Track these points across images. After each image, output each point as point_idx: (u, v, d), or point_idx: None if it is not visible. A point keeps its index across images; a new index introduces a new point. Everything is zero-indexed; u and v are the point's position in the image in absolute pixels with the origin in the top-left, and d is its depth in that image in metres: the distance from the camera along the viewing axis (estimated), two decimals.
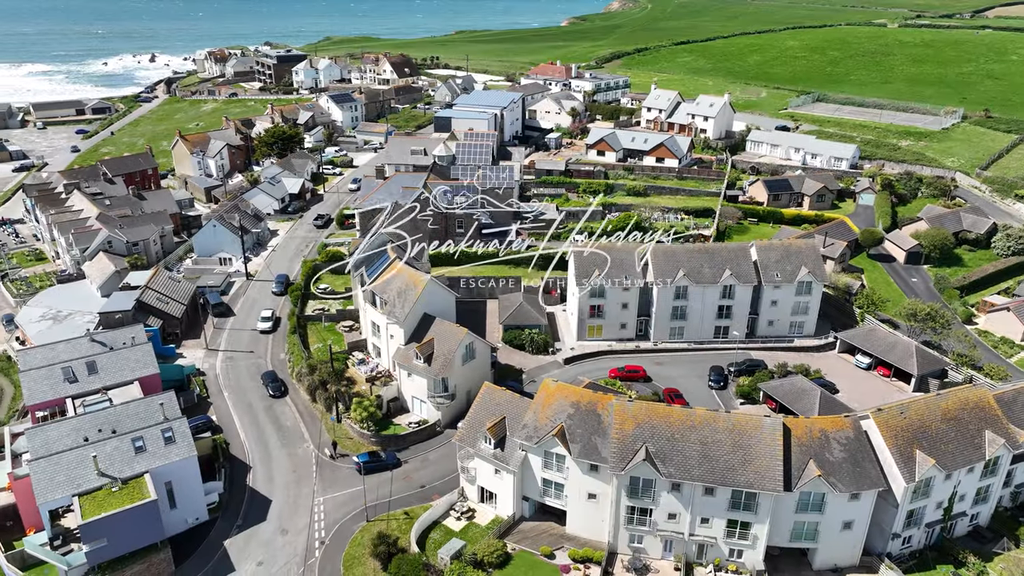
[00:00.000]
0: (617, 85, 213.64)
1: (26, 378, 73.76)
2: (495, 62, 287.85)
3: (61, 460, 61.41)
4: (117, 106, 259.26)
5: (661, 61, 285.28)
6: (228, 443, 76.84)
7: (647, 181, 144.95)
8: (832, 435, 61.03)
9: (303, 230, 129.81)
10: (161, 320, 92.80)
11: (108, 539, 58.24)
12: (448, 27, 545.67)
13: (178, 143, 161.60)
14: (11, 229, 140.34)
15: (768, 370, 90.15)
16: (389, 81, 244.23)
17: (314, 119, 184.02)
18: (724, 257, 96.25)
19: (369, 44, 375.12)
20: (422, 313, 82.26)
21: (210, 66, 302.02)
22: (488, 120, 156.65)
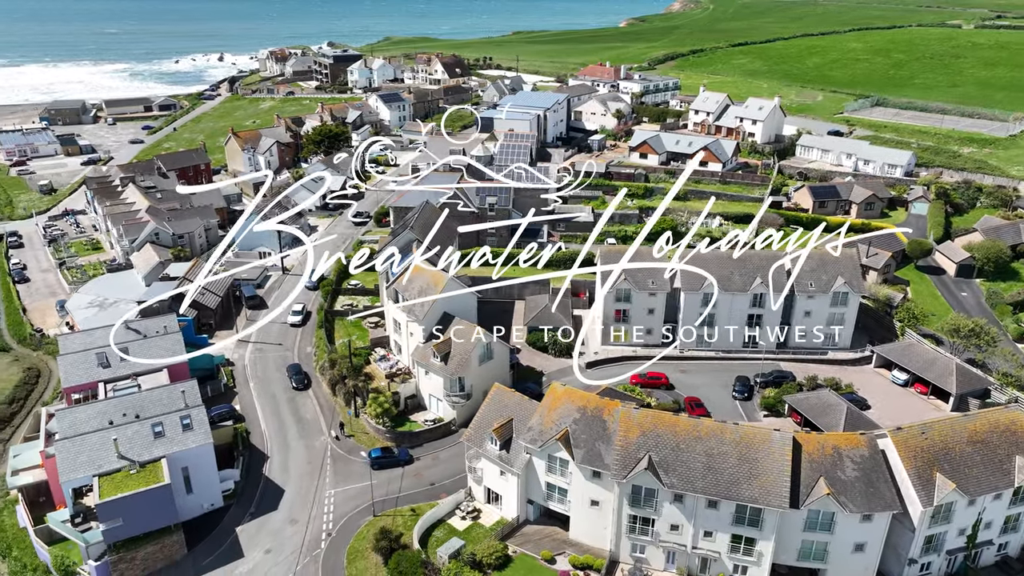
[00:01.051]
0: (667, 87, 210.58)
1: (63, 362, 77.55)
2: (547, 63, 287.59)
3: (85, 441, 64.32)
4: (182, 103, 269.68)
5: (716, 63, 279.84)
6: (249, 432, 79.09)
7: (688, 185, 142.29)
8: (846, 453, 58.82)
9: (342, 227, 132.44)
10: (196, 311, 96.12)
11: (123, 519, 60.69)
12: (507, 28, 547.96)
13: (230, 140, 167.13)
14: (73, 219, 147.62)
15: (796, 383, 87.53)
16: (440, 81, 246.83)
17: (362, 118, 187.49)
18: (755, 264, 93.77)
19: (426, 44, 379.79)
20: (442, 312, 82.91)
21: (271, 65, 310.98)
22: (530, 121, 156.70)
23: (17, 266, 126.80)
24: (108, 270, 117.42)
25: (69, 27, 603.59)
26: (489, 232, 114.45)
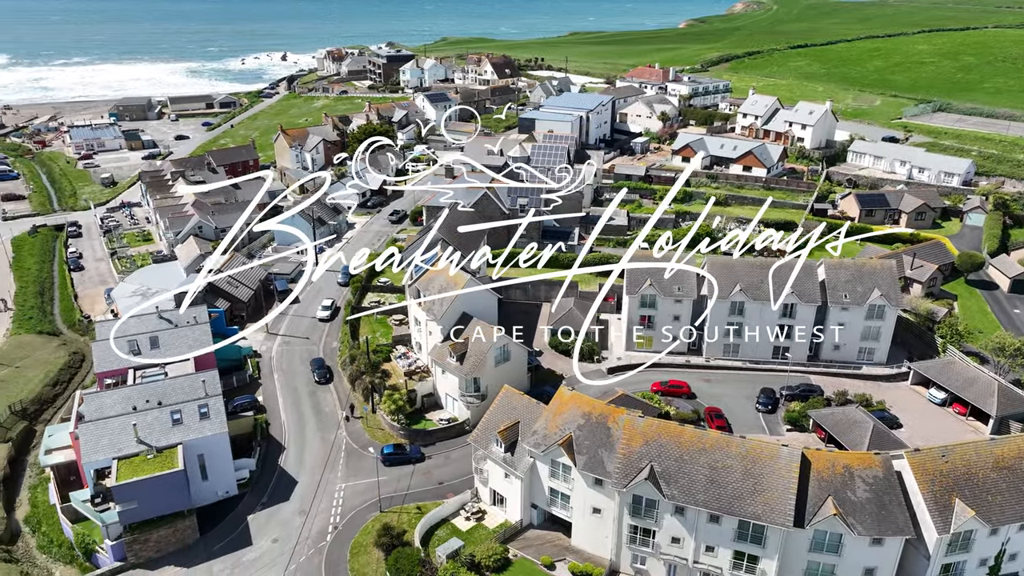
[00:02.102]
0: (717, 89, 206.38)
1: (97, 348, 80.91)
2: (599, 64, 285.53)
3: (107, 425, 66.97)
4: (241, 101, 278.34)
5: (771, 65, 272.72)
6: (268, 423, 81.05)
7: (730, 190, 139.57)
8: (858, 472, 56.50)
9: (378, 224, 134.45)
10: (229, 303, 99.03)
11: (138, 502, 62.93)
12: (565, 28, 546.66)
13: (279, 137, 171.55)
14: (128, 211, 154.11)
15: (823, 397, 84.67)
16: (489, 82, 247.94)
17: (408, 117, 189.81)
18: (786, 273, 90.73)
19: (481, 45, 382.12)
20: (460, 312, 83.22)
21: (328, 65, 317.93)
22: (572, 123, 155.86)
23: (74, 254, 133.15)
24: (154, 261, 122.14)
25: (148, 27, 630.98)
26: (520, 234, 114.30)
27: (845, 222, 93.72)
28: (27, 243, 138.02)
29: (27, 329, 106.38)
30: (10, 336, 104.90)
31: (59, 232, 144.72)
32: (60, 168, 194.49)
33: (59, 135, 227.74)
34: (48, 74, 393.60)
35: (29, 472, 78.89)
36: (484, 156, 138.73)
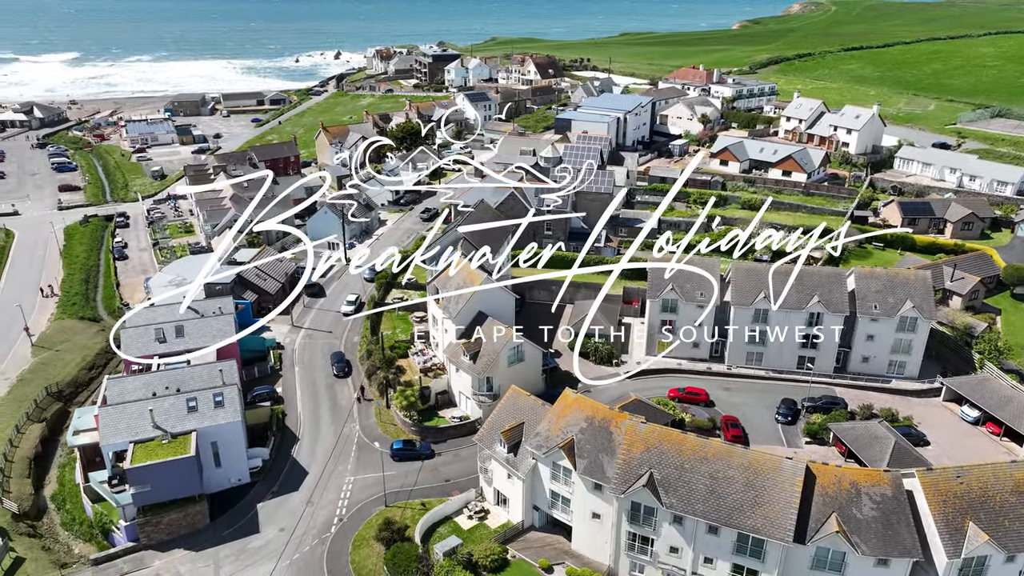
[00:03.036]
0: (762, 92, 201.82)
1: (125, 335, 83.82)
2: (645, 65, 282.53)
3: (126, 409, 69.30)
4: (291, 98, 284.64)
5: (822, 68, 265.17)
6: (285, 414, 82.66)
7: (766, 195, 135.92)
8: (865, 489, 54.56)
9: (409, 222, 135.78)
10: (256, 295, 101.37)
11: (151, 485, 64.95)
12: (616, 29, 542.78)
13: (320, 134, 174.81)
14: (174, 204, 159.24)
15: (847, 410, 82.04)
16: (532, 82, 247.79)
17: (447, 116, 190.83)
18: (814, 282, 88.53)
19: (529, 45, 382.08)
20: (476, 311, 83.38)
21: (376, 63, 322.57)
22: (608, 124, 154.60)
23: (119, 244, 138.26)
24: (191, 252, 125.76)
25: (210, 26, 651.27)
26: (546, 233, 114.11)
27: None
28: (78, 232, 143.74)
29: (70, 314, 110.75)
30: (54, 321, 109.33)
31: (108, 222, 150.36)
32: (115, 161, 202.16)
33: (116, 129, 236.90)
34: (113, 71, 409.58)
35: (60, 452, 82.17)
36: (517, 156, 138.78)
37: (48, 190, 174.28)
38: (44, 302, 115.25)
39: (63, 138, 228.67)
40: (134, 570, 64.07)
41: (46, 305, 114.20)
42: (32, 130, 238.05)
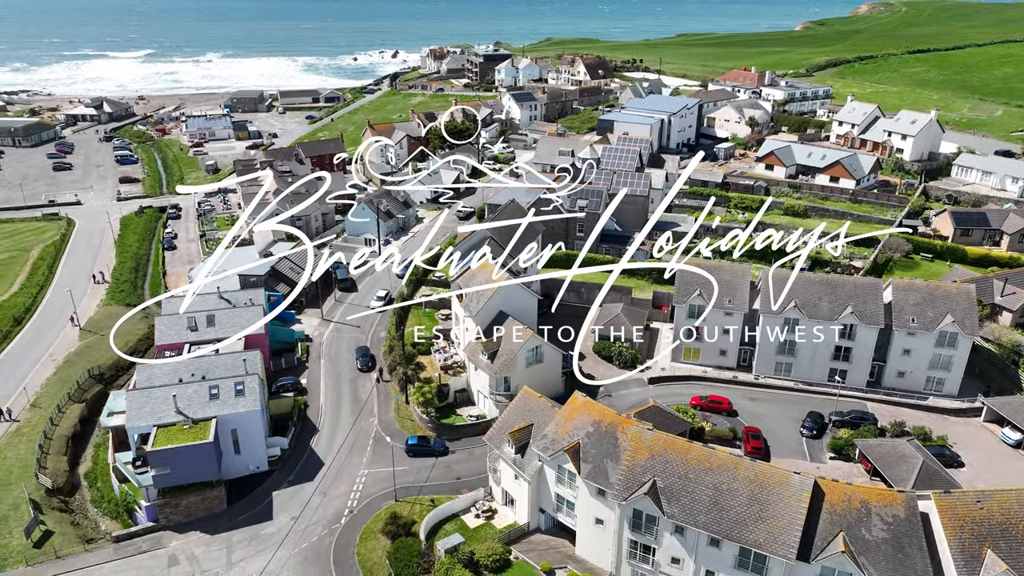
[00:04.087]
0: (815, 95, 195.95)
1: (160, 322, 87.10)
2: (698, 66, 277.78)
3: (152, 394, 71.88)
4: (345, 96, 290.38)
5: (884, 71, 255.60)
6: (307, 405, 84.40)
7: (812, 201, 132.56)
8: (876, 509, 52.43)
9: (446, 220, 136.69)
10: (289, 287, 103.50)
11: (171, 468, 67.23)
12: (675, 29, 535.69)
13: (367, 131, 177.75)
14: (223, 197, 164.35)
15: (876, 426, 78.99)
16: (581, 82, 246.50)
17: (492, 115, 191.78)
18: (849, 292, 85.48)
19: (584, 45, 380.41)
20: (497, 311, 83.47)
21: (429, 63, 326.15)
22: (651, 125, 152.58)
23: (169, 234, 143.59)
24: (235, 244, 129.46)
25: (278, 24, 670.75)
26: (577, 234, 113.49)
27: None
28: (133, 222, 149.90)
29: (117, 301, 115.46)
30: (102, 306, 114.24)
31: (162, 213, 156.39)
32: (174, 155, 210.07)
33: (177, 124, 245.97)
34: (181, 67, 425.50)
35: (96, 432, 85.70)
36: (555, 156, 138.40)
37: (110, 181, 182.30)
38: (95, 288, 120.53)
39: (128, 132, 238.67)
40: (152, 549, 66.39)
41: (97, 291, 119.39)
42: (101, 124, 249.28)
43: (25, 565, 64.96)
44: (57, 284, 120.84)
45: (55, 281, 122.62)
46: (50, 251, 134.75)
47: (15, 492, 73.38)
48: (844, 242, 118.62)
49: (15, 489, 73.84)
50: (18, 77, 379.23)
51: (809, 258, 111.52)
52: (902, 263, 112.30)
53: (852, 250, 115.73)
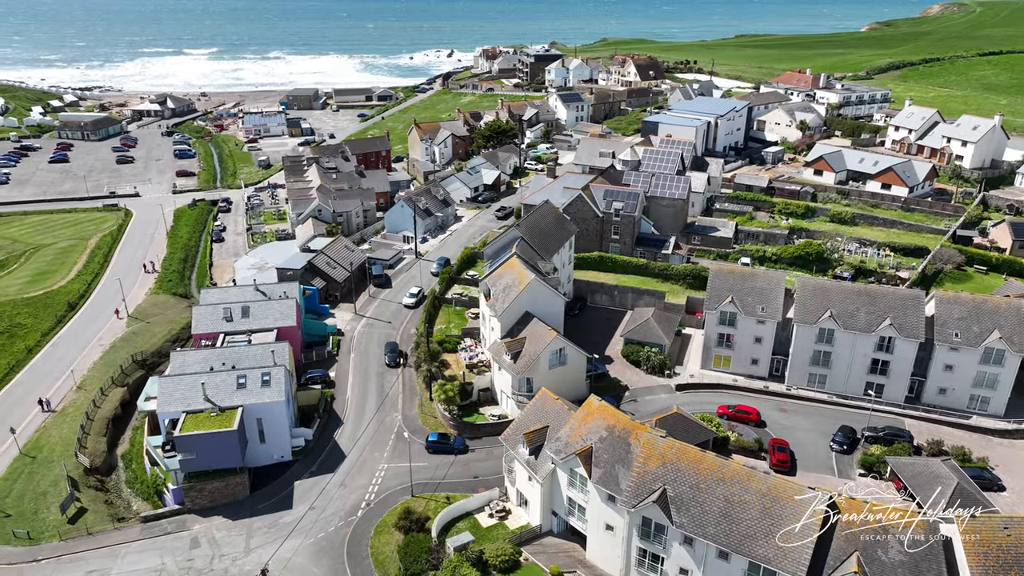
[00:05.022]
0: (873, 99, 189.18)
1: (197, 312, 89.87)
2: (752, 68, 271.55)
3: (183, 381, 74.29)
4: (397, 95, 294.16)
5: (949, 74, 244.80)
6: (334, 398, 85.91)
7: (861, 209, 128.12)
8: (895, 531, 50.37)
9: (484, 219, 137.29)
10: (325, 282, 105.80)
11: (196, 454, 69.38)
12: (736, 30, 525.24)
13: (413, 130, 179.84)
14: (272, 192, 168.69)
15: (912, 444, 75.88)
16: (631, 83, 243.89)
17: (538, 116, 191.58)
18: (888, 303, 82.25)
19: (639, 46, 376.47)
20: (523, 311, 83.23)
21: (482, 62, 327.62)
22: (697, 128, 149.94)
23: (219, 227, 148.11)
24: (277, 238, 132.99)
25: (341, 23, 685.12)
26: (613, 238, 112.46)
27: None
28: (185, 214, 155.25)
29: (165, 290, 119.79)
30: (150, 295, 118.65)
31: (214, 206, 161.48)
32: (229, 150, 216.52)
33: (235, 120, 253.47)
34: (244, 65, 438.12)
35: (135, 416, 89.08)
36: (596, 158, 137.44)
37: (168, 175, 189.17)
38: (145, 277, 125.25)
39: (188, 127, 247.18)
40: (177, 531, 68.62)
41: (146, 281, 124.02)
42: (164, 119, 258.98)
43: (59, 539, 67.99)
44: (111, 273, 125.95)
45: (109, 270, 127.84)
46: (107, 241, 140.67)
47: (55, 469, 76.91)
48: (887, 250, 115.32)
49: (55, 466, 77.39)
50: (94, 74, 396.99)
51: (852, 267, 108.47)
52: (953, 275, 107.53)
53: (899, 260, 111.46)
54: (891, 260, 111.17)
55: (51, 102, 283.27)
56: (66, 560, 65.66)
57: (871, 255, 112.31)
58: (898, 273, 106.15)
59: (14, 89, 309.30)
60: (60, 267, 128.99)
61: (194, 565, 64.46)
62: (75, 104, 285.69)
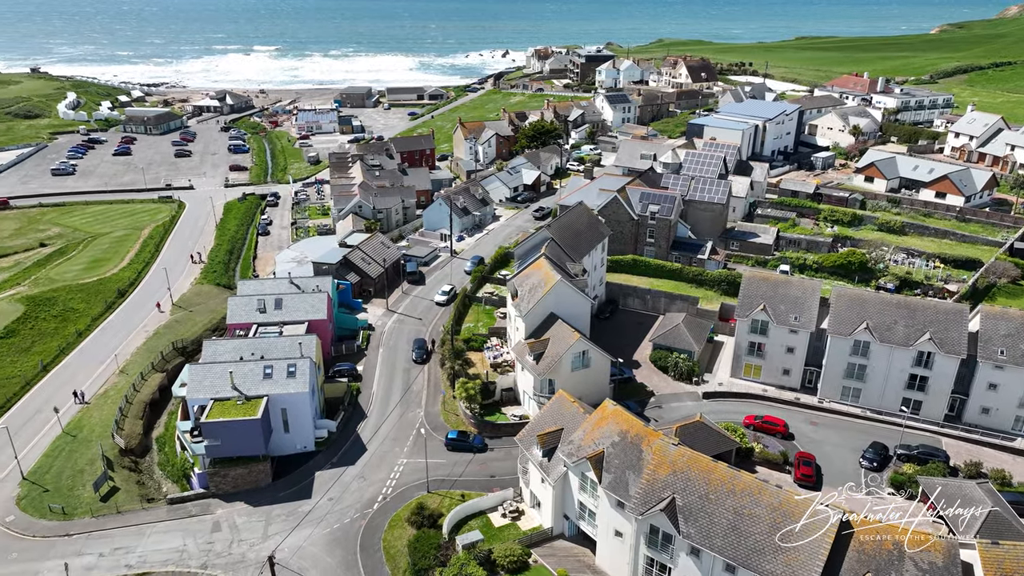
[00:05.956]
0: (934, 104, 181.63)
1: (232, 302, 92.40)
2: (809, 71, 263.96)
3: (212, 369, 76.47)
4: (448, 94, 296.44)
5: (1022, 78, 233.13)
6: (360, 391, 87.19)
7: (912, 218, 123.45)
8: (911, 554, 48.32)
9: (522, 219, 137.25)
10: (359, 277, 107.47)
11: (221, 440, 71.39)
12: (798, 31, 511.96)
13: (458, 129, 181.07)
14: (318, 187, 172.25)
15: (947, 464, 72.72)
16: (682, 85, 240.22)
17: (583, 117, 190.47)
18: (928, 317, 78.98)
19: (695, 47, 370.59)
20: (548, 312, 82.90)
21: (534, 63, 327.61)
22: (743, 131, 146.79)
23: (265, 220, 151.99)
24: (319, 233, 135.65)
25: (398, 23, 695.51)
26: (648, 241, 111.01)
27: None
28: (235, 207, 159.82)
29: (209, 280, 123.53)
30: (195, 285, 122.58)
31: (262, 200, 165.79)
32: (281, 146, 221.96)
33: (289, 117, 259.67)
34: (303, 63, 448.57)
35: (172, 401, 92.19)
36: (636, 160, 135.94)
37: (221, 169, 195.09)
38: (192, 267, 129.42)
39: (244, 123, 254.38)
40: (200, 514, 70.73)
41: (193, 271, 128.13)
42: (223, 115, 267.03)
43: (90, 516, 70.86)
44: (161, 262, 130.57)
45: (159, 259, 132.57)
46: (159, 231, 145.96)
47: (93, 449, 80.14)
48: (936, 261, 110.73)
49: (93, 446, 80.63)
50: (163, 71, 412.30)
51: (897, 278, 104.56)
52: (1007, 289, 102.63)
53: (949, 272, 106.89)
54: (940, 272, 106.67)
55: (119, 97, 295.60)
56: (96, 536, 68.35)
57: (919, 266, 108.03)
58: (946, 286, 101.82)
59: (87, 84, 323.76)
60: (114, 255, 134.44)
61: (213, 548, 66.33)
62: (141, 99, 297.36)
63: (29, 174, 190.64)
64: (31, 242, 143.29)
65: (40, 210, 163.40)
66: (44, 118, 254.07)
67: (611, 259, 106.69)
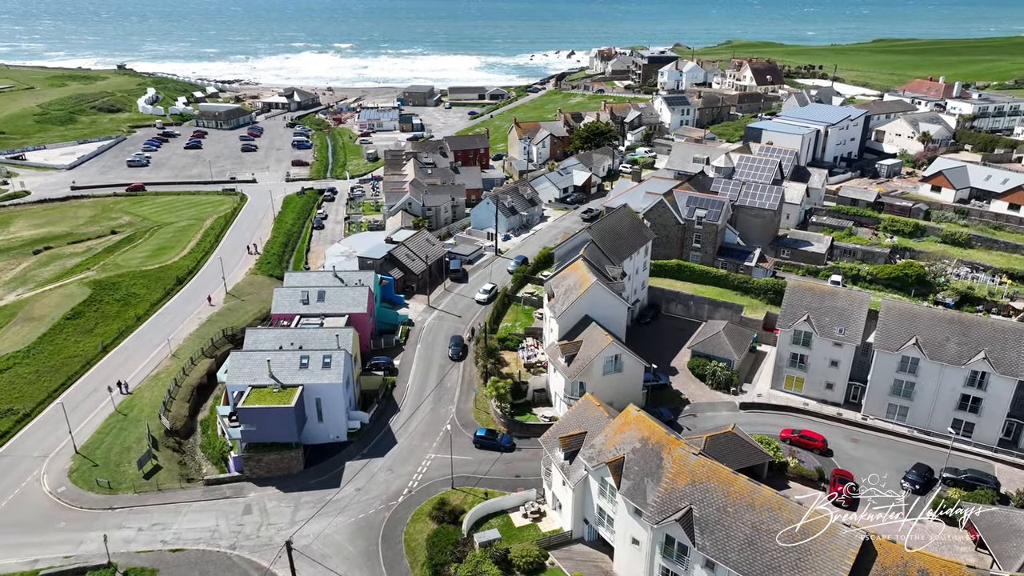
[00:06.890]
0: (1015, 111, 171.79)
1: (278, 293, 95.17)
2: (884, 75, 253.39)
3: (252, 357, 78.97)
4: (509, 94, 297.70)
5: None
6: (394, 385, 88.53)
7: (981, 230, 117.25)
8: None
9: (569, 220, 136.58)
10: (403, 273, 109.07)
11: (256, 426, 73.69)
12: (876, 33, 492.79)
13: (512, 129, 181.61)
14: (374, 183, 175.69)
15: (997, 491, 68.78)
16: (746, 87, 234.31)
17: (640, 118, 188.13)
18: (984, 334, 74.90)
19: (764, 49, 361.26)
20: (583, 315, 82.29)
21: (596, 63, 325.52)
22: (803, 136, 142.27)
23: (321, 215, 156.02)
24: (369, 228, 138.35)
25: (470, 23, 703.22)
26: (694, 246, 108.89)
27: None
28: (293, 201, 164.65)
29: (264, 271, 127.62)
30: (249, 275, 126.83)
31: (319, 195, 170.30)
32: (343, 142, 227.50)
33: (352, 115, 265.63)
34: (372, 62, 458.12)
35: (219, 386, 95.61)
36: (688, 163, 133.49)
37: (284, 164, 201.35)
38: (248, 258, 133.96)
39: (310, 120, 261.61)
40: (234, 496, 73.15)
41: (248, 261, 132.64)
42: (290, 112, 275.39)
43: (133, 492, 74.24)
44: (220, 252, 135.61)
45: (218, 249, 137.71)
46: (220, 222, 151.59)
47: (141, 427, 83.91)
48: (1004, 276, 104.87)
49: (141, 425, 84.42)
50: (239, 68, 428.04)
51: (958, 293, 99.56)
52: None
53: (1017, 288, 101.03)
54: (1007, 288, 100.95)
55: (195, 93, 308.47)
56: (136, 511, 71.48)
57: (983, 281, 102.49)
58: (1012, 303, 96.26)
59: (167, 81, 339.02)
60: (176, 244, 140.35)
61: (243, 530, 68.47)
62: (215, 96, 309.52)
63: (107, 165, 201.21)
64: (103, 229, 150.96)
65: (114, 199, 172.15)
66: (125, 112, 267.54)
67: (655, 263, 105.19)
